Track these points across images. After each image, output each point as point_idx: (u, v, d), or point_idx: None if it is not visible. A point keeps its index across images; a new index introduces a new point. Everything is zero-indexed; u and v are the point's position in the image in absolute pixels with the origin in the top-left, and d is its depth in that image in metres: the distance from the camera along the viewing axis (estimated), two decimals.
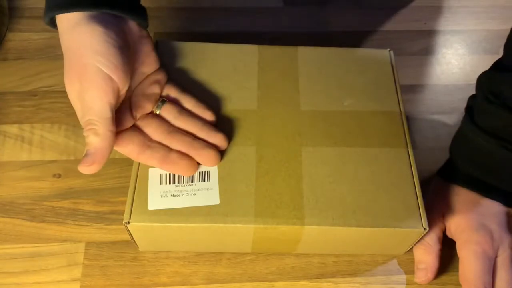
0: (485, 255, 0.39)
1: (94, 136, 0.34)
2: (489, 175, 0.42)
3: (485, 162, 0.42)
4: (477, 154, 0.42)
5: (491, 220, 0.41)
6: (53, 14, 0.35)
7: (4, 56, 0.54)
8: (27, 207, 0.44)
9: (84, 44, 0.34)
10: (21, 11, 0.58)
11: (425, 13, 0.62)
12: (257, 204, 0.37)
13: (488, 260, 0.39)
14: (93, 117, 0.34)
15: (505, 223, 0.41)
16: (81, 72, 0.34)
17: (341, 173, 0.39)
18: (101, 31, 0.34)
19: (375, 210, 0.38)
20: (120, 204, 0.45)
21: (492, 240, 0.40)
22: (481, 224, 0.40)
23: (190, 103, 0.40)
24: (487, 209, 0.41)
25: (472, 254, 0.39)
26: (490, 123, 0.41)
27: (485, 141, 0.41)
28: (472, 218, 0.41)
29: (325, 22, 0.61)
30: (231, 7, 0.61)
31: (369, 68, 0.46)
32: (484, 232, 0.40)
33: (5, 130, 0.49)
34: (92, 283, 0.41)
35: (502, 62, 0.42)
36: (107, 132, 0.34)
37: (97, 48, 0.34)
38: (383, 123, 0.42)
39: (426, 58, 0.57)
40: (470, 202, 0.42)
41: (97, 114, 0.34)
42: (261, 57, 0.46)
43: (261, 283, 0.42)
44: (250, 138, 0.40)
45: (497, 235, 0.40)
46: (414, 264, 0.42)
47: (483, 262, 0.39)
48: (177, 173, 0.38)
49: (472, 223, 0.41)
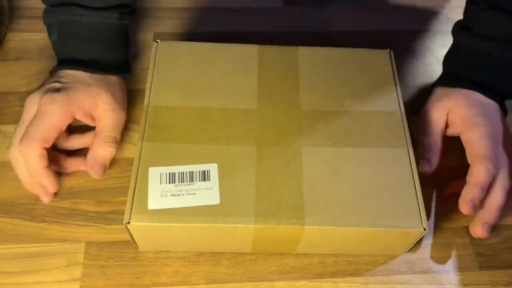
0: (494, 136, 0.43)
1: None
2: (489, 76, 0.46)
3: (486, 65, 0.46)
4: (479, 58, 0.46)
5: (492, 113, 0.45)
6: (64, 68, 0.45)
7: (4, 56, 0.54)
8: (28, 207, 0.44)
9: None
10: (21, 11, 0.58)
11: (425, 13, 0.62)
12: (257, 204, 0.37)
13: (496, 139, 0.43)
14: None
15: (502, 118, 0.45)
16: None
17: (341, 173, 0.39)
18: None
19: (375, 210, 0.38)
20: (120, 204, 0.45)
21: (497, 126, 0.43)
22: (486, 114, 0.44)
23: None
24: (488, 105, 0.45)
25: (482, 134, 0.43)
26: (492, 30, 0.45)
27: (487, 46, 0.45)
28: (478, 109, 0.44)
29: (325, 22, 0.61)
30: (231, 7, 0.61)
31: (369, 68, 0.46)
32: (490, 119, 0.44)
33: (5, 130, 0.49)
34: (92, 283, 0.41)
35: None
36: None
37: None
38: (383, 123, 0.42)
39: (426, 58, 0.57)
40: (475, 99, 0.45)
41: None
42: (261, 57, 0.46)
43: (261, 283, 0.42)
44: (250, 138, 0.41)
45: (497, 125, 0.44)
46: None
47: (492, 140, 0.42)
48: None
49: (479, 112, 0.44)
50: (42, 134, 0.41)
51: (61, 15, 0.45)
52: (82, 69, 0.45)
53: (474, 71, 0.47)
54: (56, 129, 0.42)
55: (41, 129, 0.41)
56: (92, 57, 0.46)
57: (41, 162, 0.41)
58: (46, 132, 0.41)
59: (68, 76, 0.44)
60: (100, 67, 0.46)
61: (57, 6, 0.45)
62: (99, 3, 0.45)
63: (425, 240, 0.44)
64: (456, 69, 0.48)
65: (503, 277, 0.43)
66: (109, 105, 0.44)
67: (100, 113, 0.44)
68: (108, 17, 0.46)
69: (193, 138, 0.40)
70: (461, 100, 0.45)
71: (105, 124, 0.44)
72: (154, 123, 0.41)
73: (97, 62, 0.46)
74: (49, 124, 0.41)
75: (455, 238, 0.45)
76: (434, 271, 0.43)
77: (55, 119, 0.41)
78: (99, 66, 0.46)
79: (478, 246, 0.44)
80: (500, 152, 0.43)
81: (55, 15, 0.45)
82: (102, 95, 0.44)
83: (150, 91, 0.43)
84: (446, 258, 0.44)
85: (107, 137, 0.44)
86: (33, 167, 0.41)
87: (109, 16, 0.46)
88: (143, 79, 0.44)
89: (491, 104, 0.46)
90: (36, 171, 0.41)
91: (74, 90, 0.43)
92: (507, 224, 0.46)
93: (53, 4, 0.45)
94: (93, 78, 0.45)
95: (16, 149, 0.41)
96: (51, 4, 0.45)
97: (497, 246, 0.45)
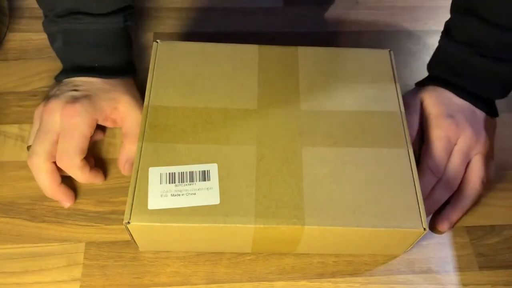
0: (447, 139, 0.45)
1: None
2: (464, 80, 0.47)
3: (460, 68, 0.47)
4: (452, 61, 0.48)
5: (459, 113, 0.46)
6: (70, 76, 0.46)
7: (4, 56, 0.54)
8: (28, 207, 0.44)
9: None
10: (21, 11, 0.58)
11: (425, 13, 0.62)
12: (257, 204, 0.37)
13: (448, 143, 0.46)
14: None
15: (471, 118, 0.47)
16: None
17: (341, 173, 0.39)
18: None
19: (375, 210, 0.38)
20: (120, 204, 0.45)
21: (456, 128, 0.45)
22: (449, 115, 0.46)
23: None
24: (457, 106, 0.47)
25: (437, 137, 0.46)
26: (464, 35, 0.46)
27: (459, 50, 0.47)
28: (444, 109, 0.47)
29: (325, 22, 0.61)
30: (231, 7, 0.61)
31: (369, 68, 0.46)
32: (451, 121, 0.46)
33: (5, 130, 0.49)
34: (92, 283, 0.41)
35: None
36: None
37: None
38: (383, 123, 0.42)
39: (426, 58, 0.57)
40: (445, 97, 0.48)
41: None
42: (261, 57, 0.46)
43: (261, 283, 0.42)
44: (250, 138, 0.41)
45: (461, 125, 0.46)
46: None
47: (444, 144, 0.45)
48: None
49: (443, 112, 0.46)
50: (78, 147, 0.42)
51: (67, 24, 0.45)
52: (97, 76, 0.45)
53: (447, 72, 0.48)
54: (87, 139, 0.43)
55: (76, 143, 0.42)
56: (101, 62, 0.46)
57: (85, 171, 0.43)
58: (81, 144, 0.42)
59: (84, 84, 0.45)
60: (111, 71, 0.46)
61: (63, 16, 0.45)
62: (106, 9, 0.45)
63: (425, 240, 0.44)
64: (435, 70, 0.50)
65: (503, 277, 0.43)
66: (130, 105, 0.46)
67: (123, 114, 0.46)
68: (114, 22, 0.46)
69: (193, 138, 0.40)
70: (434, 96, 0.48)
71: (131, 124, 0.45)
72: (154, 123, 0.41)
73: (107, 67, 0.46)
74: (81, 137, 0.42)
75: (455, 238, 0.45)
76: (434, 271, 0.43)
77: (84, 130, 0.43)
78: (109, 71, 0.46)
79: (478, 246, 0.45)
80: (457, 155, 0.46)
81: (59, 24, 0.45)
82: (121, 98, 0.45)
83: (150, 91, 0.43)
84: (446, 258, 0.44)
85: (135, 136, 0.44)
86: (79, 177, 0.43)
87: (115, 20, 0.46)
88: (143, 79, 0.44)
89: (463, 104, 0.47)
90: (83, 179, 0.44)
91: (94, 98, 0.44)
92: (507, 224, 0.46)
93: (60, 15, 0.45)
94: (108, 83, 0.45)
95: (44, 160, 0.42)
96: (58, 15, 0.45)
97: (497, 246, 0.45)
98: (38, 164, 0.42)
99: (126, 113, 0.46)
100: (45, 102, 0.44)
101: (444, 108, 0.47)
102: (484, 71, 0.46)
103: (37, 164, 0.42)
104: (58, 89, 0.45)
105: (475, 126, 0.46)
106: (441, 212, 0.45)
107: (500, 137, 0.49)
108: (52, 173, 0.42)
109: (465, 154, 0.45)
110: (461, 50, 0.46)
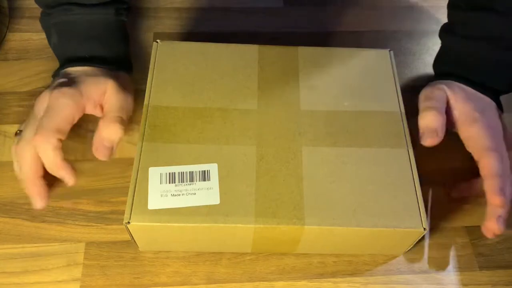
0: (492, 128, 0.43)
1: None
2: (480, 75, 0.46)
3: (474, 64, 0.46)
4: (466, 59, 0.46)
5: (488, 109, 0.45)
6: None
7: (4, 56, 0.54)
8: (28, 207, 0.44)
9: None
10: (21, 11, 0.58)
11: (425, 13, 0.62)
12: (257, 204, 0.37)
13: (496, 132, 0.43)
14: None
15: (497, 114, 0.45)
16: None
17: (341, 173, 0.39)
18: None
19: (375, 210, 0.38)
20: (120, 204, 0.45)
21: (493, 122, 0.43)
22: (482, 110, 0.44)
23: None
24: (483, 100, 0.45)
25: (482, 127, 0.42)
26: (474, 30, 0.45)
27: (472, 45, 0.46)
28: (474, 104, 0.44)
29: (325, 22, 0.61)
30: (231, 7, 0.61)
31: (369, 68, 0.46)
32: (486, 114, 0.43)
33: (5, 130, 0.49)
34: (92, 283, 0.41)
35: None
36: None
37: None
38: (383, 123, 0.42)
39: (426, 58, 0.57)
40: (471, 93, 0.45)
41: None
42: (261, 57, 0.46)
43: (261, 283, 0.42)
44: (250, 138, 0.41)
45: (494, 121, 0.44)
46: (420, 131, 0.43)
47: (493, 132, 0.42)
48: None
49: (475, 107, 0.44)
50: (58, 125, 0.40)
51: (58, 16, 0.45)
52: (88, 64, 0.45)
53: (465, 71, 0.46)
54: (70, 121, 0.41)
55: (56, 120, 0.40)
56: (93, 54, 0.46)
57: (59, 153, 0.40)
58: (61, 123, 0.40)
59: (74, 72, 0.45)
60: (103, 62, 0.46)
61: (54, 6, 0.45)
62: (96, 0, 0.45)
63: (425, 240, 0.44)
64: (448, 70, 0.48)
65: (503, 277, 0.43)
66: (115, 88, 0.44)
67: (107, 97, 0.44)
68: (105, 13, 0.46)
69: (193, 138, 0.40)
70: (458, 92, 0.45)
71: (110, 105, 0.43)
72: (154, 123, 0.41)
73: (99, 58, 0.46)
74: (63, 115, 0.41)
75: (455, 238, 0.45)
76: (434, 271, 0.43)
77: (68, 110, 0.41)
78: (102, 62, 0.46)
79: (478, 246, 0.45)
80: (502, 145, 0.43)
81: (52, 17, 0.46)
82: (108, 82, 0.44)
83: (150, 91, 0.43)
84: (446, 258, 0.44)
85: (113, 118, 0.43)
86: (50, 159, 0.40)
87: (105, 12, 0.46)
88: (143, 79, 0.44)
89: (486, 99, 0.45)
90: (54, 162, 0.40)
91: (82, 83, 0.43)
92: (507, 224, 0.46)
93: (51, 5, 0.45)
94: (99, 70, 0.45)
95: (28, 143, 0.40)
96: (48, 5, 0.45)
97: (497, 246, 0.45)
98: (24, 149, 0.40)
99: (110, 95, 0.44)
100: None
101: (474, 105, 0.44)
102: (498, 63, 0.45)
103: (23, 149, 0.40)
104: (52, 82, 0.45)
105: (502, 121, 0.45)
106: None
107: None
108: (37, 162, 0.40)
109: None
110: (474, 45, 0.45)
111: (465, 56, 0.47)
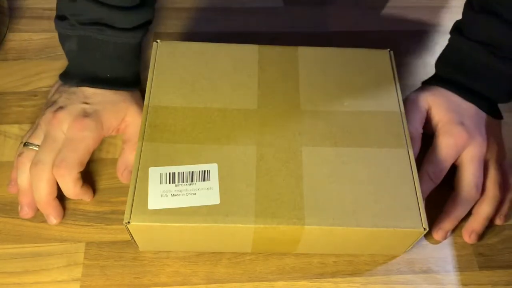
0: (456, 147, 0.45)
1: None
2: (475, 81, 0.46)
3: (472, 68, 0.46)
4: (465, 62, 0.47)
5: (469, 120, 0.45)
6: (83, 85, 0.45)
7: (4, 56, 0.54)
8: None
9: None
10: (21, 11, 0.58)
11: (425, 13, 0.62)
12: (257, 204, 0.37)
13: (456, 151, 0.45)
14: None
15: (481, 125, 0.46)
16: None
17: (341, 173, 0.39)
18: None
19: (375, 210, 0.38)
20: (120, 204, 0.45)
21: (467, 136, 0.44)
22: (460, 122, 0.45)
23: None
24: (466, 111, 0.46)
25: (446, 144, 0.45)
26: (481, 34, 0.45)
27: (474, 49, 0.46)
28: (454, 115, 0.46)
29: (325, 22, 0.61)
30: (231, 7, 0.61)
31: (369, 68, 0.46)
32: (462, 128, 0.45)
33: (5, 130, 0.49)
34: (92, 283, 0.41)
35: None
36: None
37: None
38: (383, 123, 0.42)
39: (426, 58, 0.57)
40: (454, 102, 0.47)
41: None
42: (261, 57, 0.46)
43: (261, 283, 0.42)
44: (250, 138, 0.41)
45: (471, 133, 0.45)
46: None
47: (451, 151, 0.45)
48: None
49: (453, 119, 0.45)
50: (79, 159, 0.42)
51: (87, 32, 0.44)
52: (108, 88, 0.45)
53: (462, 75, 0.47)
54: (90, 152, 0.43)
55: (78, 154, 0.42)
56: (114, 74, 0.46)
57: (78, 185, 0.42)
58: (82, 156, 0.42)
59: (94, 96, 0.45)
60: (122, 83, 0.46)
61: (85, 24, 0.44)
62: (131, 24, 0.45)
63: (425, 240, 0.44)
64: (445, 70, 0.49)
65: (503, 277, 0.43)
66: (136, 114, 0.46)
67: (128, 121, 0.46)
68: (135, 37, 0.46)
69: (193, 138, 0.40)
70: (442, 102, 0.46)
71: (133, 131, 0.45)
72: (154, 123, 0.41)
73: (119, 79, 0.46)
74: (85, 149, 0.42)
75: (455, 238, 0.45)
76: (434, 271, 0.43)
77: (89, 145, 0.43)
78: (121, 82, 0.46)
79: (478, 246, 0.45)
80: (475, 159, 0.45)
81: (79, 29, 0.44)
82: (128, 109, 0.45)
83: (150, 91, 0.43)
84: (446, 258, 0.44)
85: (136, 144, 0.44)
86: (71, 190, 0.42)
87: (136, 35, 0.46)
88: (143, 79, 0.44)
89: (470, 110, 0.46)
90: (74, 193, 0.42)
91: (103, 112, 0.44)
92: (507, 224, 0.46)
93: (83, 22, 0.44)
94: (118, 94, 0.46)
95: (47, 168, 0.41)
96: (81, 22, 0.44)
97: (497, 246, 0.45)
98: (42, 172, 0.41)
99: (131, 121, 0.46)
100: (53, 108, 0.44)
101: (453, 115, 0.45)
102: (496, 72, 0.45)
103: (41, 173, 0.41)
104: (68, 98, 0.44)
105: (483, 131, 0.45)
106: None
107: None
108: (52, 185, 0.42)
109: (480, 161, 0.45)
110: (476, 49, 0.45)
111: (465, 58, 0.47)
